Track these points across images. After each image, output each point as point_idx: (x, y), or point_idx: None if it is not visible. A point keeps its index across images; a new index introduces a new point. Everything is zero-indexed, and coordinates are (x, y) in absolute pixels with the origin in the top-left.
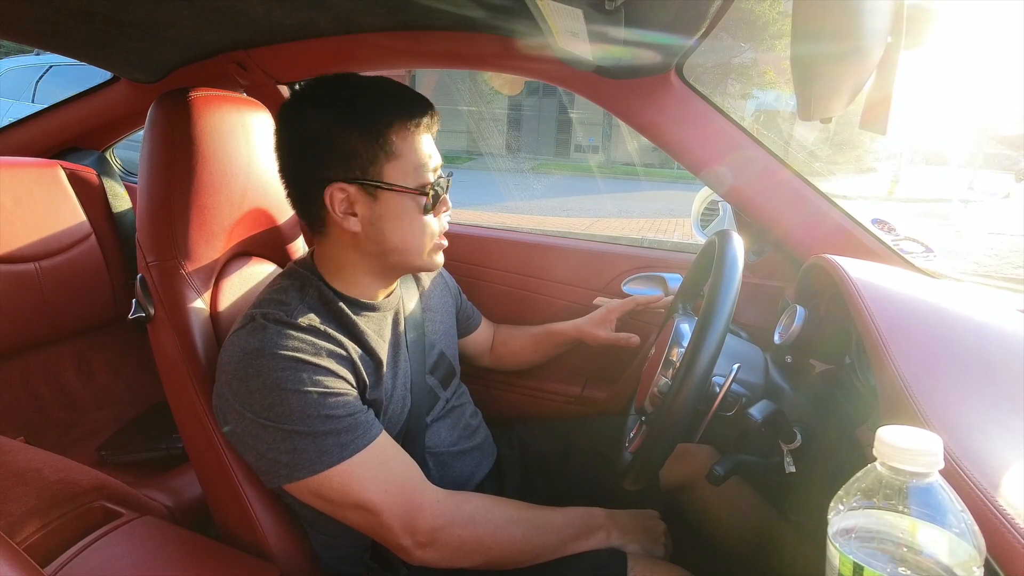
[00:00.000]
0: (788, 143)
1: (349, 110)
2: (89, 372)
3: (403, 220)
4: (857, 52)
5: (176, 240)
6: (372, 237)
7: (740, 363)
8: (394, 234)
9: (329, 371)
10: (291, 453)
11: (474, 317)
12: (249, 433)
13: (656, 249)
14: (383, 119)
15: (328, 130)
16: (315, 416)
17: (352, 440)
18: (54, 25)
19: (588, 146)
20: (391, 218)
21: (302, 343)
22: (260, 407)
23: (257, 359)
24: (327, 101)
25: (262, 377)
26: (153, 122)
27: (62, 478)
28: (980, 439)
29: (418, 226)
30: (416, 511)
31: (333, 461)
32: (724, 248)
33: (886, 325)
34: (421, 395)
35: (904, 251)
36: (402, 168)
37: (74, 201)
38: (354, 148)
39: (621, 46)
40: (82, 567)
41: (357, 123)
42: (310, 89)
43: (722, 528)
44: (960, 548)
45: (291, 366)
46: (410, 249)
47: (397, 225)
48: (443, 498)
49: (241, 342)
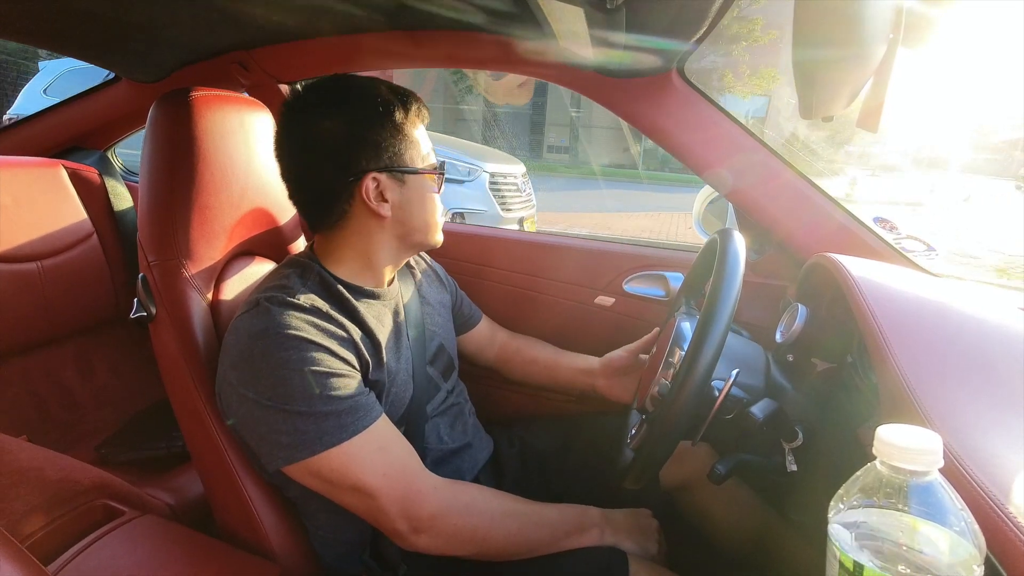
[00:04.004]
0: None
1: (367, 106)
2: (90, 371)
3: (425, 200)
4: (858, 54)
5: (177, 240)
6: (400, 219)
7: (740, 366)
8: (419, 214)
9: (332, 352)
10: (292, 434)
11: (474, 315)
12: (251, 415)
13: (658, 248)
14: (397, 111)
15: (350, 127)
16: (317, 396)
17: (353, 422)
18: (56, 25)
19: (560, 147)
20: (417, 199)
21: (305, 323)
22: (263, 387)
23: (262, 340)
24: (338, 101)
25: (266, 358)
26: (154, 122)
27: (64, 476)
28: (981, 438)
29: (434, 204)
30: (414, 496)
31: (334, 442)
32: (725, 248)
33: (888, 324)
34: (422, 384)
35: (906, 250)
36: (419, 153)
37: (76, 200)
38: (381, 139)
39: (622, 45)
40: (84, 565)
41: (378, 117)
42: (314, 93)
43: (721, 528)
44: (960, 547)
45: (295, 346)
46: (430, 225)
47: (421, 205)
48: (441, 486)
49: (245, 325)
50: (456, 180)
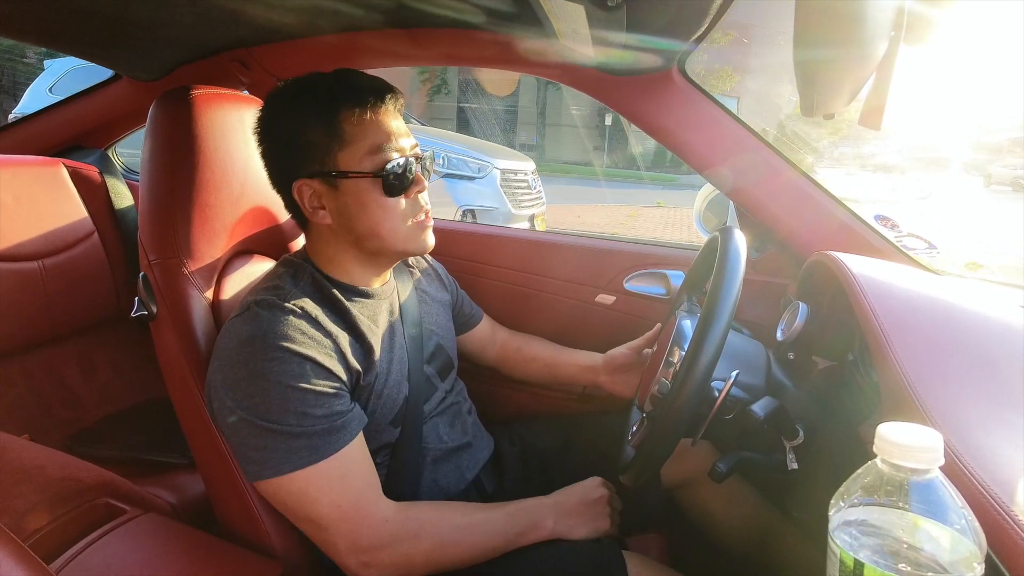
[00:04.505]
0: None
1: (303, 107)
2: (92, 370)
3: (368, 206)
4: (860, 51)
5: (178, 238)
6: (344, 227)
7: (741, 364)
8: (362, 221)
9: (317, 363)
10: (261, 451)
11: (475, 314)
12: (226, 424)
13: (659, 246)
14: (332, 108)
15: (288, 129)
16: (292, 412)
17: (323, 444)
18: (56, 23)
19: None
20: (356, 205)
21: (294, 330)
22: (241, 396)
23: (248, 347)
24: (286, 102)
25: (249, 365)
26: (154, 120)
27: (66, 475)
28: (982, 435)
29: (384, 209)
30: (363, 531)
31: (300, 464)
32: (726, 247)
33: (889, 321)
34: (419, 384)
35: (907, 247)
36: (356, 154)
37: (76, 199)
38: (310, 142)
39: (623, 43)
40: (86, 563)
41: (311, 118)
42: (274, 94)
43: (722, 526)
44: (961, 544)
45: (278, 356)
46: (382, 234)
47: (363, 211)
48: (391, 516)
49: (235, 329)
50: (467, 177)
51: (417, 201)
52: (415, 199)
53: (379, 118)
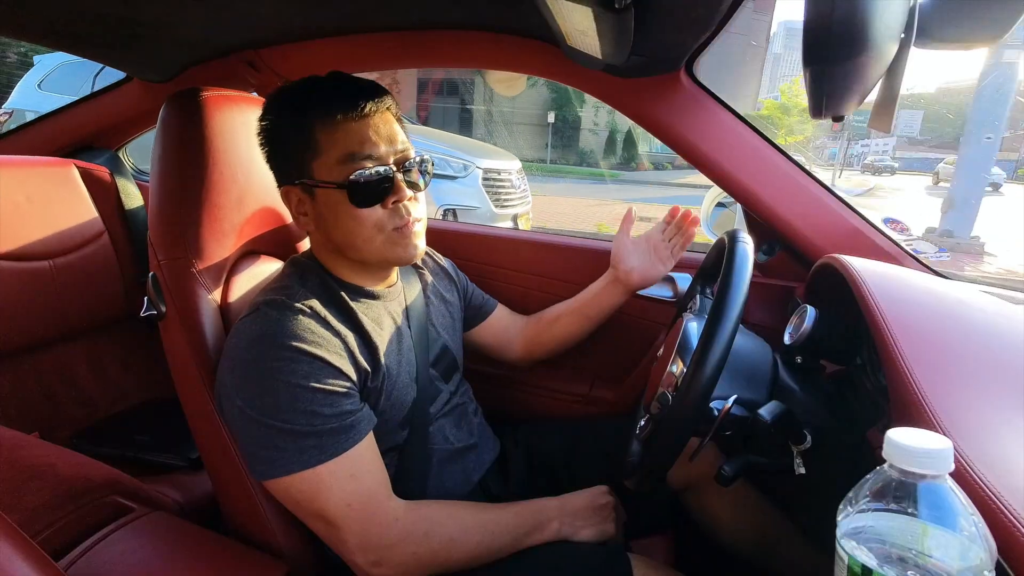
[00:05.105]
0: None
1: (284, 114)
2: (101, 368)
3: (339, 216)
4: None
5: (187, 238)
6: (324, 234)
7: (744, 376)
8: (337, 231)
9: (326, 362)
10: (271, 450)
11: (487, 303)
12: (236, 423)
13: None
14: (305, 117)
15: (273, 136)
16: (301, 412)
17: (333, 443)
18: (67, 26)
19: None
20: (330, 216)
21: (303, 330)
22: (250, 395)
23: (257, 346)
24: (275, 108)
25: (259, 364)
26: (164, 121)
27: (75, 473)
28: (991, 441)
29: (356, 220)
30: (374, 529)
31: (311, 463)
32: (732, 253)
33: (897, 326)
34: (425, 387)
35: (917, 252)
36: (326, 163)
37: (87, 199)
38: (288, 151)
39: (630, 45)
40: (95, 561)
41: (289, 126)
42: (269, 99)
43: (728, 530)
44: (971, 551)
45: (288, 356)
46: (356, 244)
47: (335, 221)
48: (402, 515)
49: (245, 329)
50: (449, 176)
51: (397, 210)
52: (395, 208)
53: (352, 125)
